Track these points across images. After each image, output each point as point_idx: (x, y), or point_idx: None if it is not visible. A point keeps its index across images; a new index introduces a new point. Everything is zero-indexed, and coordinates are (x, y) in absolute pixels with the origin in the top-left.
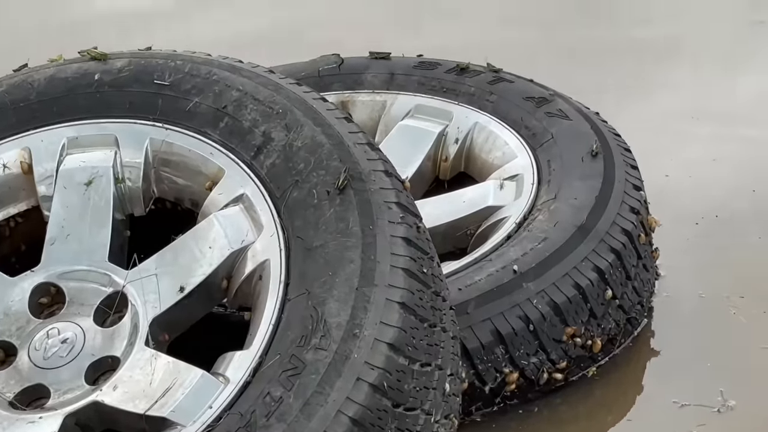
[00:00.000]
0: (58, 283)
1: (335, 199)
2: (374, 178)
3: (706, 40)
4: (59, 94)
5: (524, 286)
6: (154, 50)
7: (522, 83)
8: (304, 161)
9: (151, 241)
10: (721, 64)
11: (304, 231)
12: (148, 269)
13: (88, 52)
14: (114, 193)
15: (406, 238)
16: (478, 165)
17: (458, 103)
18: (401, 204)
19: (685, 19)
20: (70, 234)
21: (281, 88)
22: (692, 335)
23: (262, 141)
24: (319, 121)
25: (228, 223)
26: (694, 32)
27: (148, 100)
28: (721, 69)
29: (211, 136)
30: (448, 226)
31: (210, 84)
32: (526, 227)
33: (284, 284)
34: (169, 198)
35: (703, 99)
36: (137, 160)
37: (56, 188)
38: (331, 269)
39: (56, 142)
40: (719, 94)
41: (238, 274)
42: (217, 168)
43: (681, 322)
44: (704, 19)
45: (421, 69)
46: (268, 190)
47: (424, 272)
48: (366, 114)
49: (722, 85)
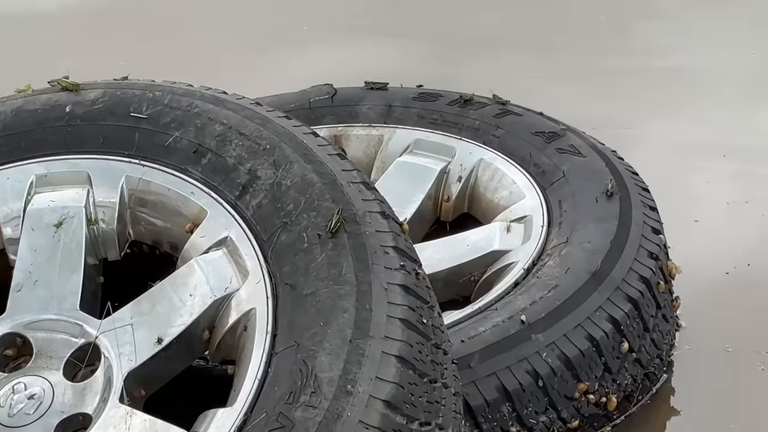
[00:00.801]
0: (24, 333)
1: (327, 243)
2: (370, 220)
3: (735, 69)
4: (27, 127)
5: (533, 338)
6: (130, 80)
7: (531, 116)
8: (294, 201)
9: (127, 288)
10: (750, 96)
11: (293, 277)
12: (123, 319)
13: (58, 81)
14: (86, 235)
15: (404, 286)
16: (482, 205)
17: (461, 138)
18: (399, 248)
19: (711, 47)
20: (38, 280)
21: (269, 122)
22: (716, 393)
23: (248, 179)
24: (310, 157)
25: (210, 269)
26: (721, 61)
27: (124, 134)
28: (750, 101)
29: (192, 174)
30: (450, 272)
31: (191, 117)
32: (535, 274)
33: (271, 335)
34: (147, 241)
35: (732, 134)
36: (112, 199)
37: (23, 230)
38: (322, 319)
39: (23, 180)
40: (750, 129)
41: (221, 324)
42: (198, 209)
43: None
44: (731, 48)
45: (421, 100)
46: (254, 233)
47: (423, 323)
48: (361, 150)
49: (753, 119)
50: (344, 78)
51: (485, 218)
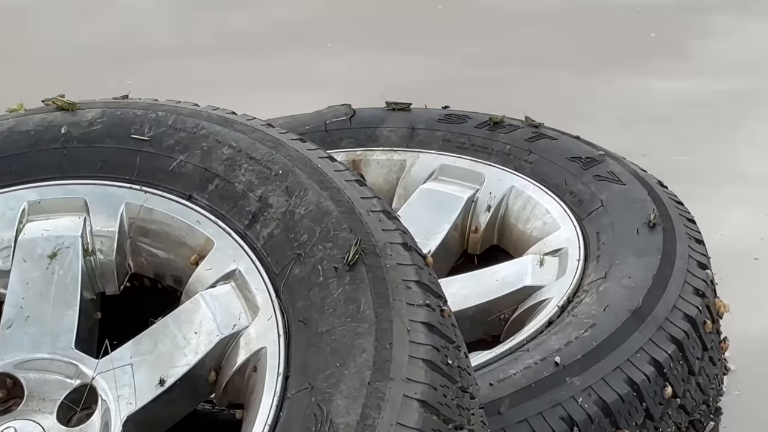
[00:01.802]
0: (15, 373)
1: (344, 277)
2: (391, 252)
3: None
4: (19, 150)
5: (568, 382)
6: (131, 99)
7: (566, 140)
8: (308, 232)
9: (126, 325)
10: None
11: (307, 314)
12: (122, 358)
13: (53, 100)
14: (82, 267)
15: (428, 324)
16: (513, 237)
17: (491, 164)
18: (422, 283)
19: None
20: (29, 315)
21: (281, 145)
22: None
23: (259, 207)
24: (325, 184)
25: (217, 305)
26: None
27: (124, 157)
28: None
29: (198, 201)
30: (478, 309)
31: (197, 139)
32: (571, 311)
33: (283, 377)
34: (148, 274)
35: None
36: (110, 228)
37: (14, 261)
38: (338, 360)
39: (15, 207)
40: None
41: (229, 364)
42: (204, 239)
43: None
44: None
45: (447, 123)
46: (264, 266)
47: (448, 364)
48: (382, 176)
49: None
50: (364, 98)
51: (516, 251)
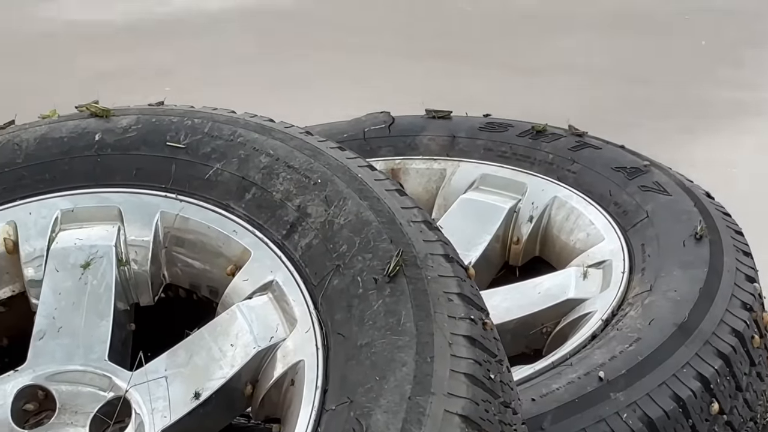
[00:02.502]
0: (47, 386)
1: (384, 289)
2: (432, 263)
3: None
4: (52, 157)
5: (612, 397)
6: (167, 106)
7: (611, 150)
8: (347, 242)
9: (161, 337)
10: None
11: (346, 327)
12: (157, 370)
13: (87, 106)
14: (116, 277)
15: (470, 337)
16: (556, 249)
17: (533, 173)
18: (464, 295)
19: None
20: (62, 326)
21: (320, 153)
22: None
23: (297, 217)
24: (365, 193)
25: (254, 316)
26: None
27: (159, 165)
28: None
29: (234, 211)
30: (520, 323)
31: (234, 147)
32: (615, 325)
33: (321, 391)
34: (183, 284)
35: None
36: (145, 238)
37: (47, 271)
38: (378, 373)
39: (47, 216)
40: None
41: (266, 377)
42: (241, 249)
43: None
44: None
45: (488, 131)
46: (302, 277)
47: (490, 378)
48: (421, 185)
49: None
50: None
51: (559, 263)
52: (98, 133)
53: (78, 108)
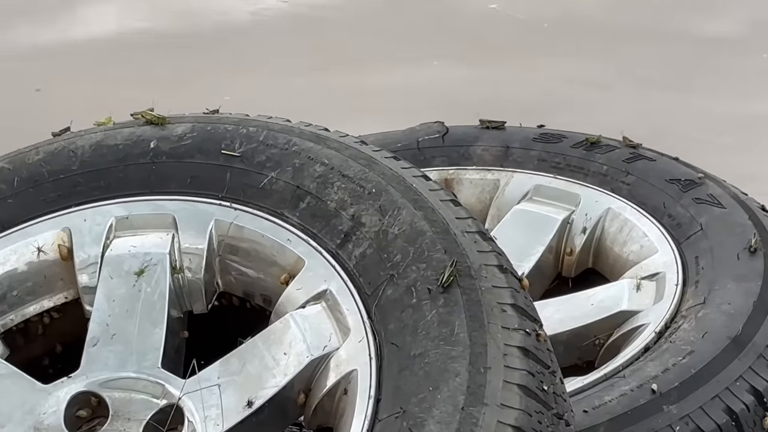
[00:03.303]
0: (100, 392)
1: (438, 299)
2: (486, 274)
3: None
4: (107, 164)
5: (665, 410)
6: (222, 114)
7: (665, 162)
8: (402, 252)
9: (214, 345)
10: None
11: (399, 336)
12: (210, 378)
13: (142, 114)
14: (170, 285)
15: (523, 348)
16: (609, 260)
17: (587, 185)
18: (518, 306)
19: None
20: (116, 333)
21: (375, 163)
22: None
23: (351, 226)
24: (420, 203)
25: (307, 325)
26: None
27: (214, 173)
28: None
29: (289, 219)
30: (573, 334)
31: (289, 156)
32: (668, 338)
33: (374, 400)
34: (237, 293)
35: None
36: (199, 246)
37: (101, 278)
38: (431, 384)
39: (102, 223)
40: None
41: (319, 386)
42: (295, 258)
43: None
44: None
45: (542, 142)
46: (356, 286)
47: (544, 390)
48: (474, 195)
49: None
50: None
51: (612, 275)
52: (153, 141)
53: (133, 115)
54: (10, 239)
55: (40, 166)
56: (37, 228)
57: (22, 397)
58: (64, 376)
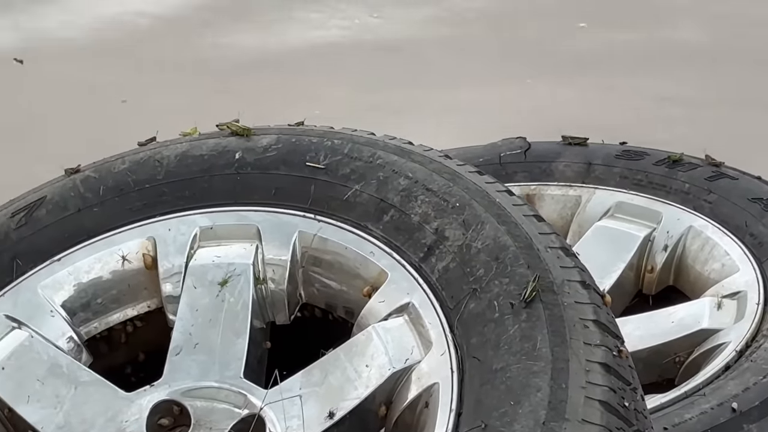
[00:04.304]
0: (182, 401)
1: (521, 314)
2: (568, 289)
3: None
4: (192, 174)
5: (745, 429)
6: (306, 126)
7: (747, 181)
8: (485, 266)
9: (295, 356)
10: None
11: (481, 351)
12: (291, 389)
13: (228, 125)
14: (253, 295)
15: (605, 365)
16: (690, 278)
17: (669, 203)
18: (600, 322)
19: None
20: (198, 343)
21: (459, 177)
22: None
23: (434, 240)
24: (503, 218)
25: (390, 338)
26: None
27: (299, 185)
28: None
29: (372, 232)
30: (653, 351)
31: (373, 169)
32: (749, 356)
33: (456, 414)
34: (319, 304)
35: None
36: (282, 257)
37: (184, 287)
38: (513, 398)
39: (186, 233)
40: None
41: (400, 399)
42: (378, 270)
43: None
44: None
45: (624, 159)
46: (439, 300)
47: (625, 406)
48: (556, 211)
49: None
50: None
51: (693, 293)
52: (238, 152)
53: (219, 126)
54: (95, 247)
55: (126, 175)
56: (122, 237)
57: (105, 404)
58: (146, 385)
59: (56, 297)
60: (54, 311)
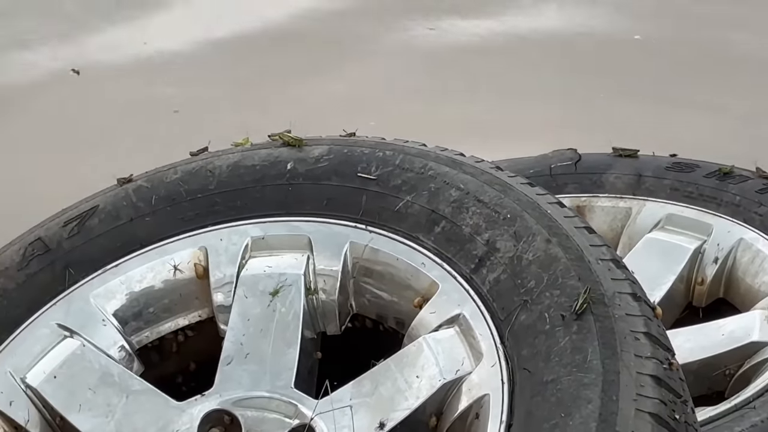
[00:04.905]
0: (233, 411)
1: (571, 326)
2: (619, 301)
3: None
4: (244, 184)
5: None
6: (358, 137)
7: None
8: (536, 278)
9: (346, 366)
10: None
11: (532, 362)
12: (342, 399)
13: (280, 135)
14: (304, 306)
15: (656, 377)
16: (741, 291)
17: (719, 215)
18: (651, 335)
19: None
20: (250, 353)
21: (510, 189)
22: None
23: (485, 251)
24: (554, 230)
25: (440, 349)
26: None
27: (350, 196)
28: None
29: (423, 243)
30: (703, 364)
31: (425, 180)
32: None
33: (506, 425)
34: (370, 315)
35: None
36: (334, 267)
37: (236, 297)
38: (563, 410)
39: (238, 243)
40: None
41: (450, 410)
42: (429, 282)
43: None
44: None
45: (675, 171)
46: (490, 311)
47: (675, 419)
48: (606, 223)
49: None
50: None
51: (743, 305)
52: (290, 162)
53: (271, 137)
54: (147, 257)
55: (178, 185)
56: (174, 246)
57: (156, 413)
58: (197, 394)
59: (108, 306)
60: (106, 320)
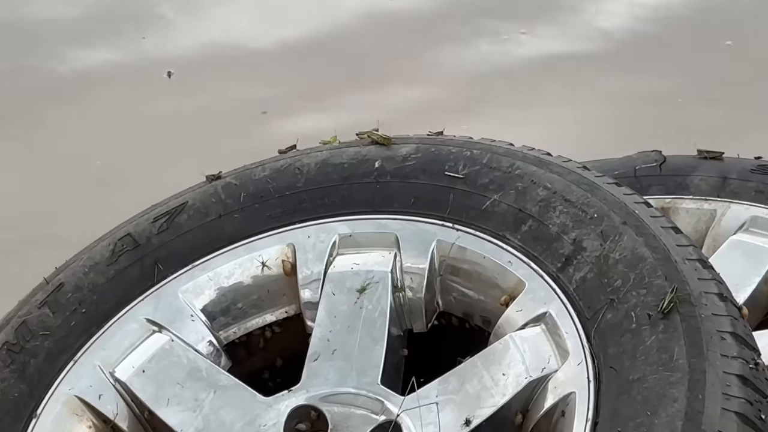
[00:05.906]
0: (320, 406)
1: (658, 325)
2: (706, 301)
3: None
4: (332, 182)
5: None
6: (445, 136)
7: None
8: (622, 277)
9: (432, 363)
10: None
11: (618, 361)
12: (428, 396)
13: (368, 134)
14: (391, 303)
15: (742, 377)
16: None
17: None
18: (737, 335)
19: None
20: (336, 349)
21: (597, 189)
22: None
23: (572, 250)
24: (641, 230)
25: (527, 347)
26: None
27: (437, 194)
28: None
29: (510, 242)
30: None
31: (512, 179)
32: None
33: (592, 423)
34: (457, 313)
35: None
36: (420, 265)
37: (323, 294)
38: (649, 408)
39: (326, 240)
40: None
41: (536, 408)
42: (516, 280)
43: None
44: None
45: (759, 173)
46: (576, 310)
47: (761, 419)
48: (690, 225)
49: None
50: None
51: None
52: (378, 161)
53: (359, 135)
54: (235, 253)
55: (267, 182)
56: (261, 243)
57: (243, 408)
58: (284, 390)
59: (196, 301)
60: (194, 315)
